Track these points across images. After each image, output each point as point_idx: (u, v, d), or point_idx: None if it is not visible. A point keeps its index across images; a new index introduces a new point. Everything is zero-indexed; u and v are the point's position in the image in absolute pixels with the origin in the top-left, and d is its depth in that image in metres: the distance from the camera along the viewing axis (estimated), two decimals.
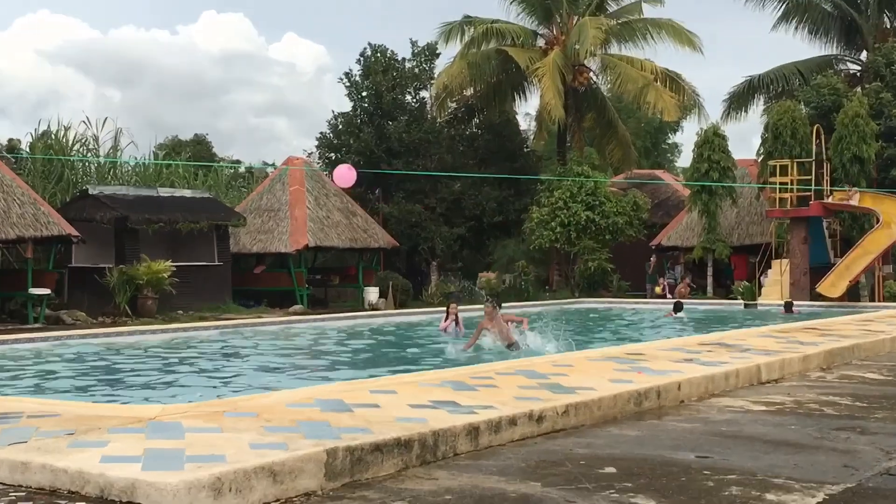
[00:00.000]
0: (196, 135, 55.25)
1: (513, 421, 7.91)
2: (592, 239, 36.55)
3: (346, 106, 43.25)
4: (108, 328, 22.25)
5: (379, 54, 42.09)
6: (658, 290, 36.42)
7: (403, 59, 42.57)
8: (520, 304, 30.30)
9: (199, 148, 52.18)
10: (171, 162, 40.08)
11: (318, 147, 43.45)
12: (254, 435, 6.90)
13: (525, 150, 45.24)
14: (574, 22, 39.23)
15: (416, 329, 22.58)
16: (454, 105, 43.35)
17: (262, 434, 6.94)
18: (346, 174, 19.26)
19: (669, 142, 61.62)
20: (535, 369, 10.84)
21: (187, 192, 33.50)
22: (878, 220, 30.83)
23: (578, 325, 24.79)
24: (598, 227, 36.54)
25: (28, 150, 36.75)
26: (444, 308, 20.44)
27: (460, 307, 20.25)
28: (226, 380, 13.78)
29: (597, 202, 36.60)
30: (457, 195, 41.57)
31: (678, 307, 26.47)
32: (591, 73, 40.33)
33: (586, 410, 8.70)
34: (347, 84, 42.58)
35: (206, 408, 8.11)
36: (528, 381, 9.86)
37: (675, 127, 57.18)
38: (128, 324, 25.31)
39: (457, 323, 19.33)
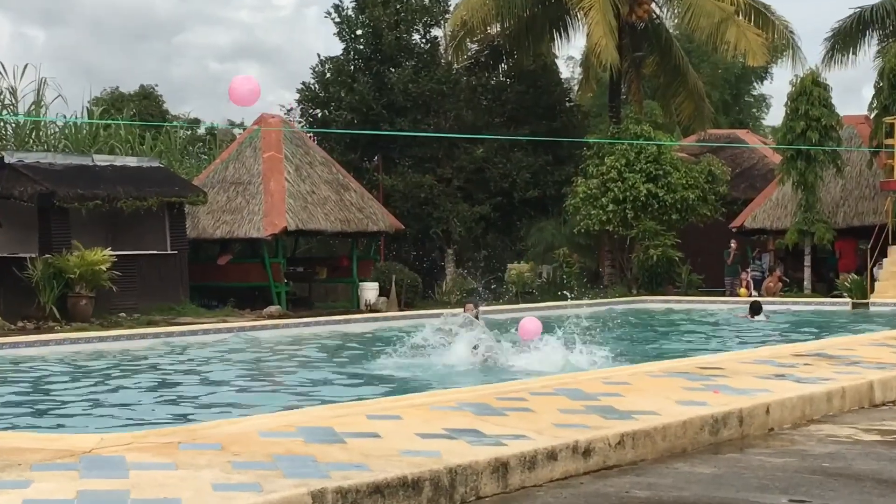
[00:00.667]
0: (142, 86, 55.36)
1: (552, 455, 7.90)
2: (655, 220, 36.47)
3: (336, 48, 43.41)
4: (31, 335, 22.31)
5: None
6: (742, 290, 36.29)
7: None
8: (560, 304, 30.24)
9: (147, 103, 52.28)
10: (110, 121, 40.17)
11: (299, 102, 43.49)
12: (217, 473, 6.91)
13: (567, 104, 45.16)
14: None
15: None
16: (475, 47, 43.26)
17: (228, 472, 6.95)
18: (245, 88, 18.97)
19: (755, 93, 61.43)
20: (581, 388, 10.84)
21: (131, 161, 33.54)
22: None
23: (635, 331, 24.76)
24: (663, 205, 36.46)
25: None
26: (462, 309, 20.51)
27: (483, 308, 20.30)
28: (181, 402, 13.82)
29: (660, 172, 36.51)
30: (479, 163, 41.55)
31: (756, 309, 26.38)
32: (654, 5, 40.20)
33: (647, 441, 8.70)
34: (337, 20, 42.60)
35: (155, 438, 8.13)
36: (572, 404, 9.86)
37: (762, 74, 56.90)
38: (55, 330, 25.37)
39: None
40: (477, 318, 19.65)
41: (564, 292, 25.22)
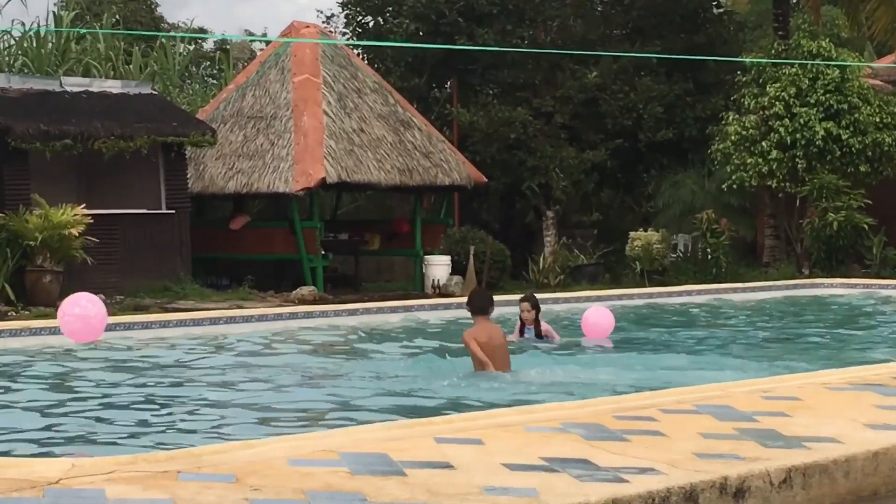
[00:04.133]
0: None
1: (691, 495, 7.90)
2: (836, 172, 36.24)
3: None
4: None
5: None
6: None
7: None
8: (701, 287, 30.15)
9: (134, 7, 52.64)
10: (84, 30, 40.47)
11: (343, 6, 43.58)
12: None
13: (715, 11, 44.93)
14: None
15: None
16: None
17: None
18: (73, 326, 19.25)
19: None
20: (732, 404, 10.80)
21: (113, 86, 33.78)
22: None
23: (805, 325, 24.64)
24: (847, 152, 36.20)
25: None
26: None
27: (590, 294, 20.28)
28: (181, 418, 13.92)
29: (844, 106, 36.25)
30: (592, 92, 41.45)
31: None
32: None
33: (824, 479, 8.66)
34: None
35: (146, 465, 8.20)
36: (719, 426, 9.84)
37: None
38: (9, 316, 25.65)
39: (539, 333, 19.41)
40: (537, 320, 19.57)
41: None
